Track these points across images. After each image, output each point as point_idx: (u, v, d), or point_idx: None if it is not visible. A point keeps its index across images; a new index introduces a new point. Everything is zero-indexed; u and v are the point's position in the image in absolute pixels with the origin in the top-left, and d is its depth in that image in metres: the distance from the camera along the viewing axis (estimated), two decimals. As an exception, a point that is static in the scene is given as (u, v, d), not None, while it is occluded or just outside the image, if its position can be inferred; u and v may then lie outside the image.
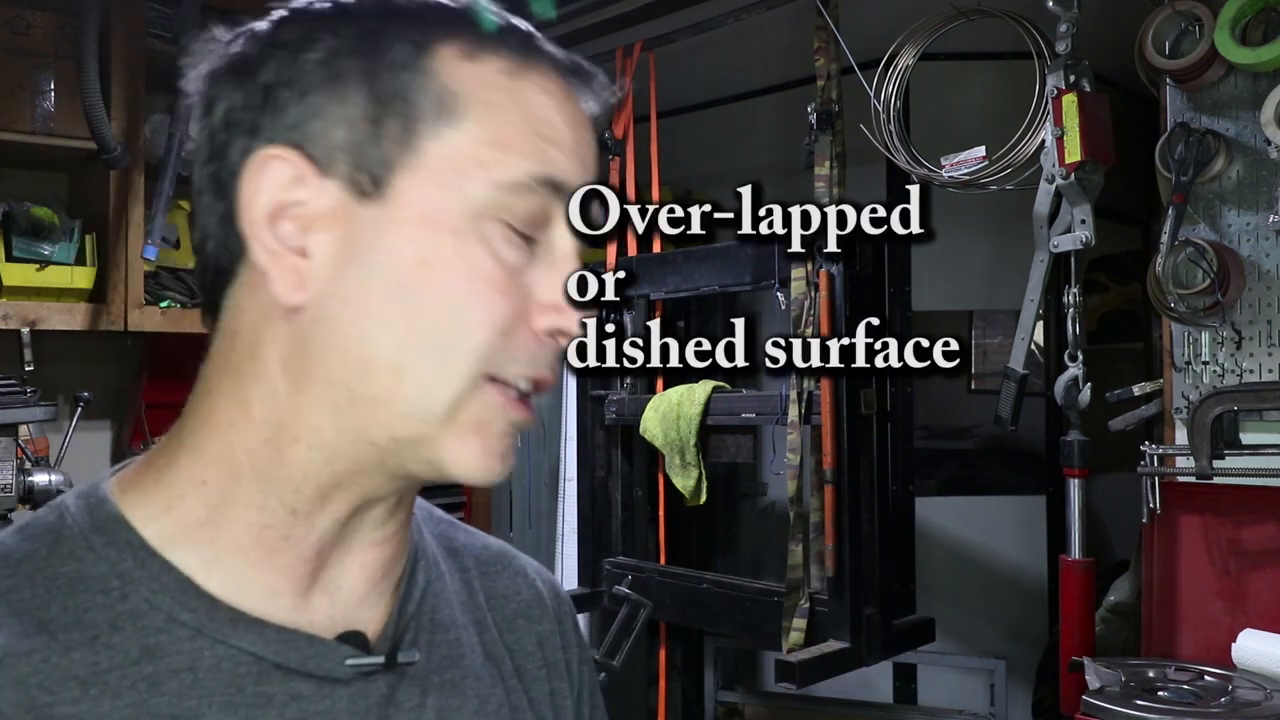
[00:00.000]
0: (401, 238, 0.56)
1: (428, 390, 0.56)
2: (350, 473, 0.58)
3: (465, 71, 0.57)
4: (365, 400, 0.56)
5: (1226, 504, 1.87)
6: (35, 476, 2.06)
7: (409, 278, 0.55)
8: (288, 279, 0.56)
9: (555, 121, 0.58)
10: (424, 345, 0.55)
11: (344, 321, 0.56)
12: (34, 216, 2.24)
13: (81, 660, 0.54)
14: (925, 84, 2.71)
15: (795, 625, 2.17)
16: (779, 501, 3.18)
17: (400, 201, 0.56)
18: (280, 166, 0.56)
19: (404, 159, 0.56)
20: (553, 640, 0.75)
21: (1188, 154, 1.84)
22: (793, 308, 2.23)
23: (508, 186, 0.56)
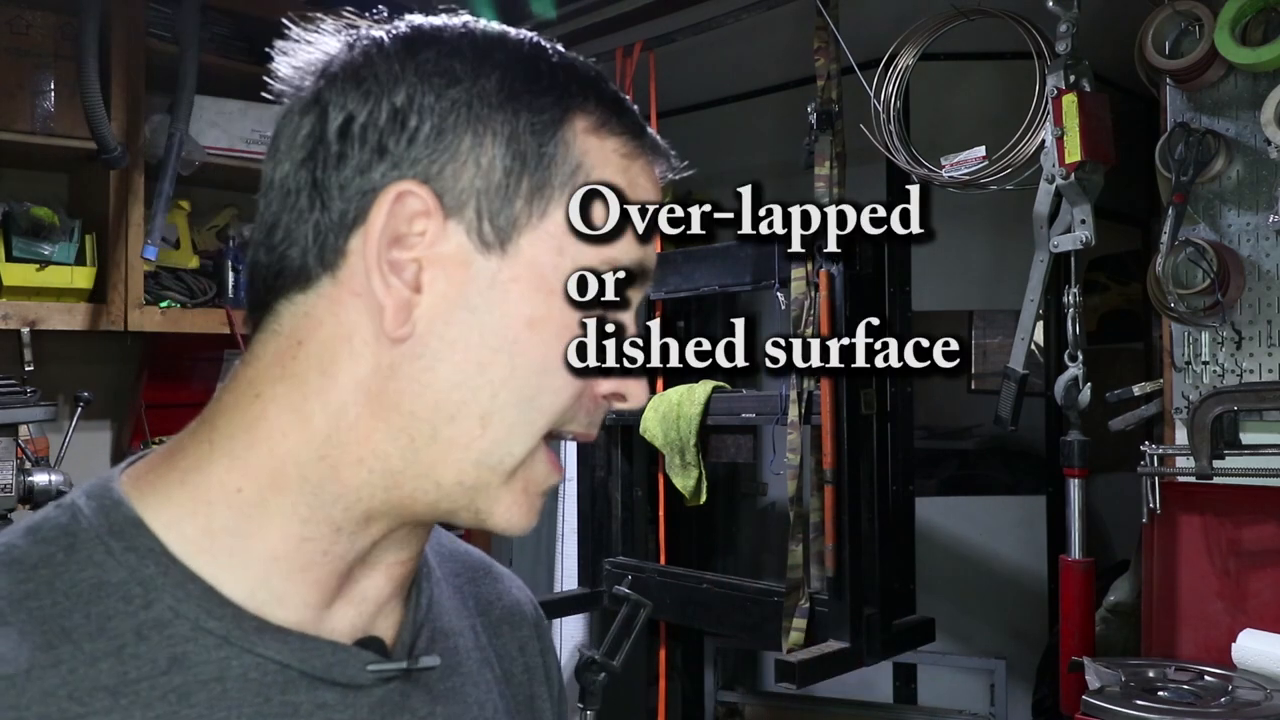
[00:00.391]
0: (518, 296, 0.57)
1: (504, 443, 0.58)
2: (402, 503, 0.59)
3: (592, 146, 0.59)
4: (446, 441, 0.57)
5: (1226, 504, 1.87)
6: (35, 476, 2.06)
7: (518, 334, 0.57)
8: (400, 313, 0.56)
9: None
10: (516, 400, 0.57)
11: (444, 364, 0.56)
12: (34, 216, 2.24)
13: (110, 670, 0.53)
14: (925, 84, 2.71)
15: (795, 625, 2.17)
16: (779, 501, 3.18)
17: (521, 260, 0.57)
18: (413, 202, 0.56)
19: (531, 220, 0.57)
20: (532, 646, 0.77)
21: (1188, 154, 1.84)
22: (793, 308, 2.23)
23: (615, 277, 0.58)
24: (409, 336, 0.56)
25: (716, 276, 2.45)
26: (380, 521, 0.59)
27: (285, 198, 0.58)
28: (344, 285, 0.57)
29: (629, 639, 2.00)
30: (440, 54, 0.57)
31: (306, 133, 0.57)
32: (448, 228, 0.56)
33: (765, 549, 3.39)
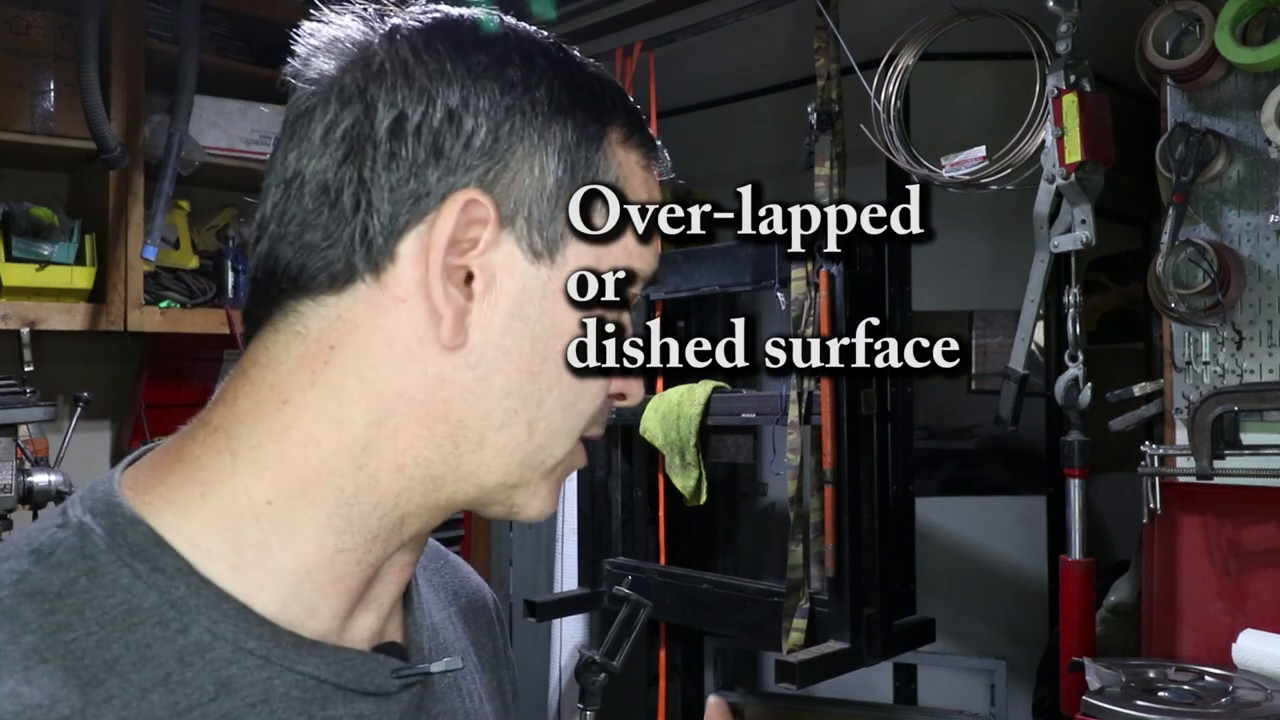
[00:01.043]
0: (567, 306, 0.58)
1: (548, 447, 0.60)
2: (438, 505, 0.59)
3: (623, 158, 0.61)
4: (492, 447, 0.58)
5: (1227, 504, 1.87)
6: (35, 477, 2.06)
7: (563, 344, 0.58)
8: (456, 323, 0.55)
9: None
10: (560, 407, 0.59)
11: (499, 375, 0.57)
12: (34, 216, 2.24)
13: (161, 701, 0.51)
14: (925, 84, 2.71)
15: (795, 625, 2.17)
16: (779, 501, 3.18)
17: (568, 270, 0.58)
18: (478, 211, 0.55)
19: (575, 235, 0.58)
20: (494, 629, 0.78)
21: (1188, 154, 1.84)
22: (793, 308, 2.23)
23: (634, 274, 0.61)
24: (463, 346, 0.56)
25: (716, 276, 2.45)
26: (413, 522, 0.60)
27: (322, 194, 0.55)
28: (388, 290, 0.55)
29: (629, 639, 2.00)
30: (492, 57, 0.56)
31: (348, 127, 0.55)
32: (501, 237, 0.56)
33: (765, 549, 3.38)
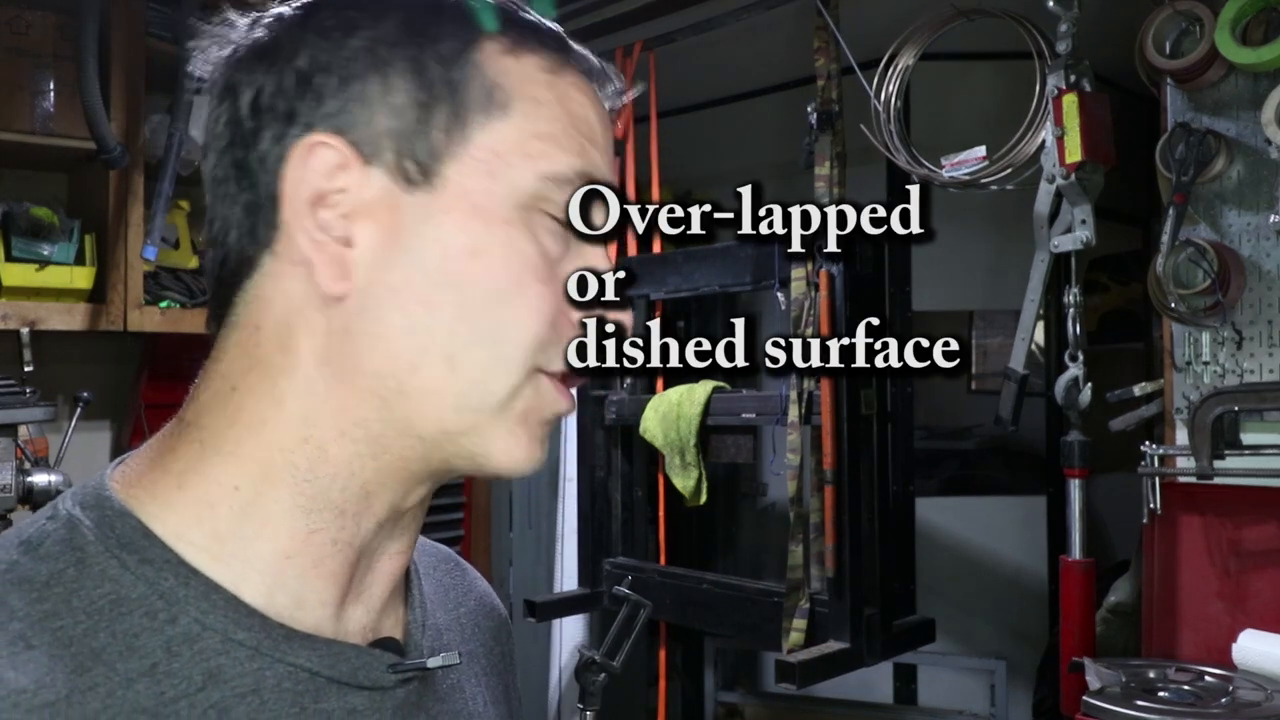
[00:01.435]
0: (453, 226, 0.55)
1: (482, 383, 0.56)
2: (394, 468, 0.57)
3: (509, 66, 0.57)
4: (415, 392, 0.55)
5: (1227, 504, 1.87)
6: (35, 477, 2.05)
7: (461, 267, 0.55)
8: (332, 268, 0.55)
9: (591, 120, 0.60)
10: (477, 337, 0.55)
11: (393, 311, 0.55)
12: (34, 216, 2.24)
13: (146, 691, 0.51)
14: (925, 84, 2.71)
15: (795, 625, 2.17)
16: (779, 501, 3.18)
17: (450, 191, 0.56)
18: (326, 153, 0.55)
19: (453, 149, 0.56)
20: (501, 635, 0.78)
21: (1188, 154, 1.84)
22: (793, 308, 2.23)
23: (553, 179, 0.57)
24: (349, 292, 0.55)
25: (716, 276, 2.45)
26: (382, 494, 0.58)
27: (216, 188, 0.57)
28: (283, 258, 0.56)
29: (629, 639, 2.00)
30: (340, 12, 0.57)
31: (224, 119, 0.57)
32: (370, 174, 0.55)
33: (765, 549, 3.39)
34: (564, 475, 3.02)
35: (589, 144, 0.58)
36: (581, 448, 2.77)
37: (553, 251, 0.58)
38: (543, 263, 0.57)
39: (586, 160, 0.58)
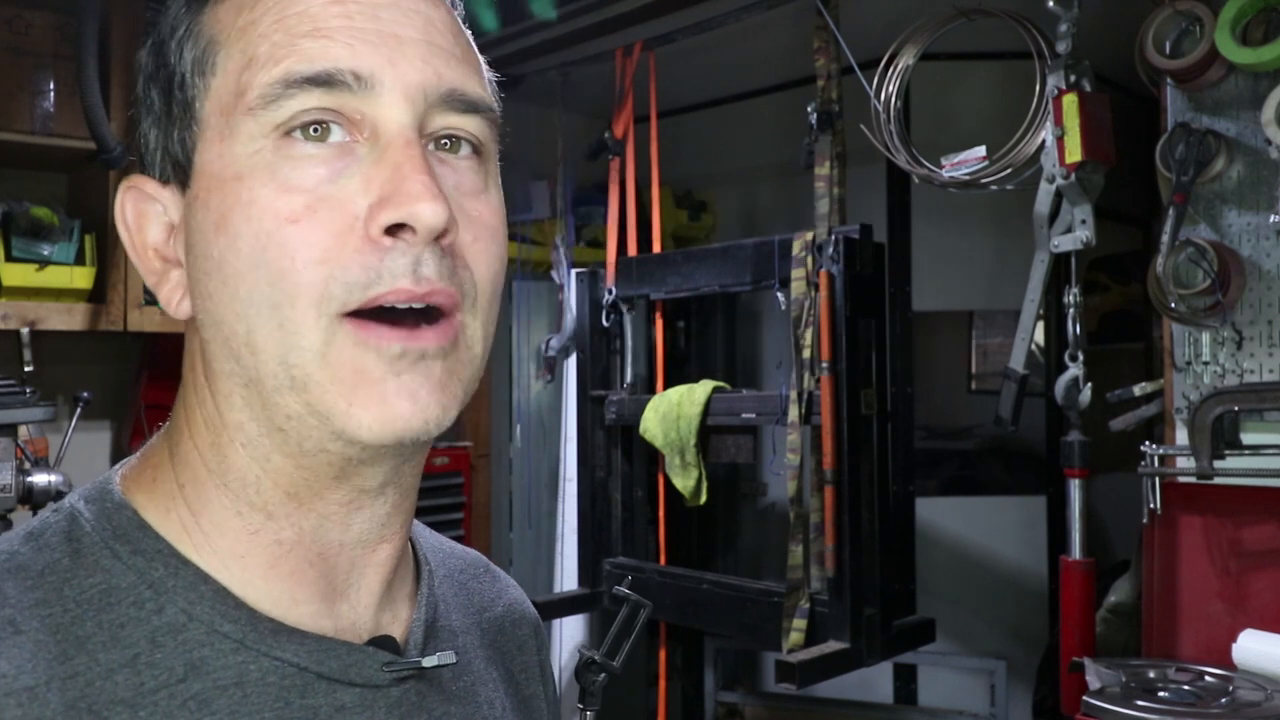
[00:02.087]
0: (202, 209, 0.54)
1: (281, 356, 0.52)
2: (289, 467, 0.55)
3: (220, 11, 0.55)
4: (252, 384, 0.53)
5: (1227, 504, 1.87)
6: (35, 477, 2.05)
7: (214, 245, 0.53)
8: (174, 292, 0.57)
9: (310, 8, 0.53)
10: (255, 311, 0.52)
11: (207, 315, 0.55)
12: (34, 216, 2.24)
13: (125, 683, 0.51)
14: (925, 84, 2.71)
15: (795, 625, 2.17)
16: (779, 501, 3.18)
17: (198, 172, 0.54)
18: (128, 194, 0.58)
19: (193, 132, 0.54)
20: (530, 645, 0.76)
21: (1188, 154, 1.84)
22: (793, 308, 2.23)
23: (262, 103, 0.51)
24: (190, 312, 0.56)
25: (716, 276, 2.45)
26: (303, 496, 0.56)
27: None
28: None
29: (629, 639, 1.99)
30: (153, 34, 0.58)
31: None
32: (168, 194, 0.57)
33: (765, 549, 3.39)
34: (564, 475, 3.02)
35: (309, 39, 0.52)
36: (581, 448, 2.77)
37: (311, 178, 0.51)
38: (294, 200, 0.51)
39: (301, 61, 0.51)
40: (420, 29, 0.54)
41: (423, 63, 0.53)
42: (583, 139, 3.06)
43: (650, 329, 2.76)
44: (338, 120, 0.52)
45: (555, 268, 3.00)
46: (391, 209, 0.51)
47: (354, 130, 0.52)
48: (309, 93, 0.51)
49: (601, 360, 2.74)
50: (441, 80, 0.54)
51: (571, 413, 2.91)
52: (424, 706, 0.60)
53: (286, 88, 0.51)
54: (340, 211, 0.51)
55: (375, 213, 0.51)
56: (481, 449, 3.15)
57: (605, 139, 2.78)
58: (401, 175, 0.51)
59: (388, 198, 0.51)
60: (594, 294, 2.73)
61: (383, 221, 0.51)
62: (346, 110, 0.52)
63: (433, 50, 0.54)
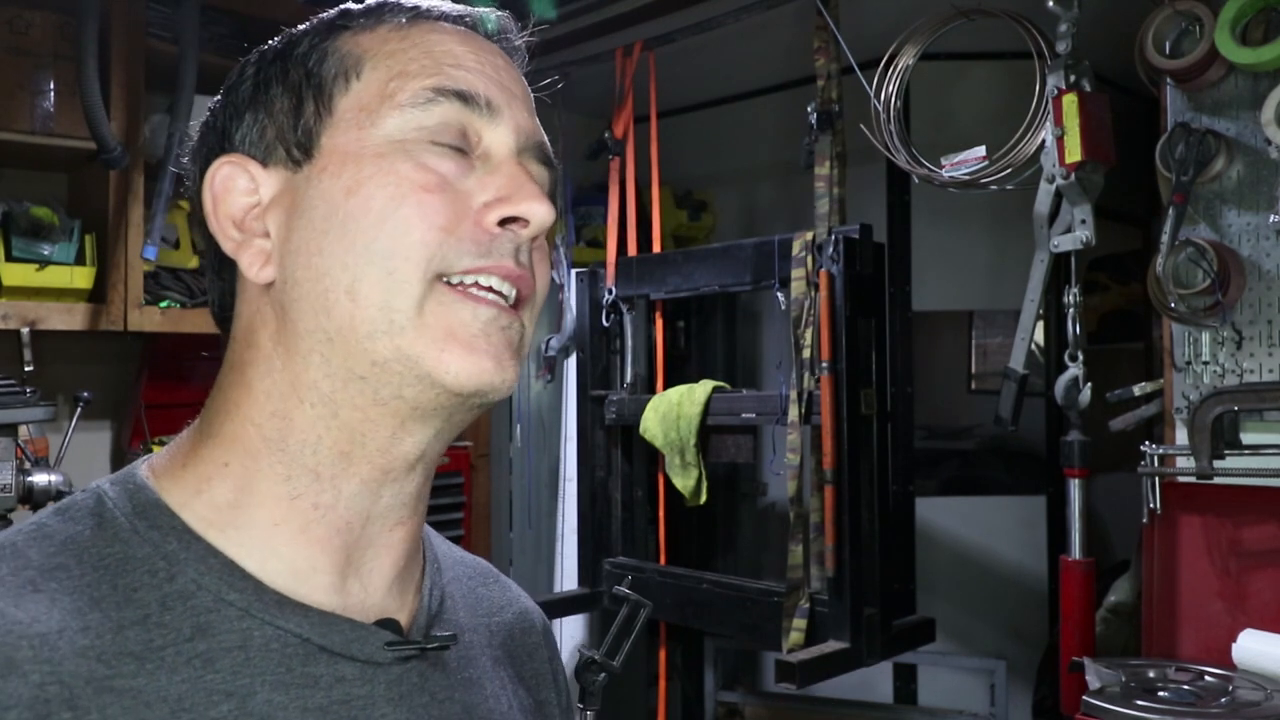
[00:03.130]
0: (330, 178, 0.61)
1: (383, 302, 0.58)
2: (356, 420, 0.60)
3: (362, 39, 0.64)
4: (338, 334, 0.59)
5: (1227, 504, 1.87)
6: (35, 476, 2.05)
7: (340, 206, 0.60)
8: (255, 260, 0.62)
9: (452, 48, 0.64)
10: (368, 261, 0.59)
11: (301, 270, 0.60)
12: (34, 216, 2.24)
13: (136, 637, 0.55)
14: (925, 84, 2.71)
15: (795, 625, 2.17)
16: (779, 501, 3.18)
17: (326, 153, 0.61)
18: (225, 169, 0.63)
19: (324, 122, 0.62)
20: (542, 653, 0.79)
21: (1188, 154, 1.84)
22: (793, 308, 2.23)
23: (413, 104, 0.61)
24: (274, 278, 0.62)
25: (716, 276, 2.45)
26: (357, 455, 0.61)
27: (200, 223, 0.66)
28: (241, 276, 0.64)
29: (629, 639, 2.00)
30: (239, 68, 0.67)
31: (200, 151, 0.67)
32: (270, 174, 0.63)
33: (765, 549, 3.39)
34: (564, 475, 3.02)
35: (449, 66, 0.62)
36: (581, 448, 2.77)
37: (442, 169, 0.61)
38: (426, 175, 0.60)
39: (444, 78, 0.62)
40: (522, 92, 0.67)
41: (526, 115, 0.66)
42: (583, 139, 3.06)
43: (650, 329, 2.76)
44: (464, 145, 0.62)
45: (555, 268, 3.00)
46: (511, 205, 0.61)
47: (470, 149, 0.62)
48: (451, 104, 0.61)
49: (601, 360, 2.74)
50: (536, 133, 0.66)
51: (571, 413, 2.91)
52: (425, 687, 0.63)
53: (437, 94, 0.61)
54: (463, 198, 0.61)
55: (493, 206, 0.61)
56: (481, 449, 3.15)
57: (605, 139, 2.78)
58: (518, 183, 0.62)
59: (505, 197, 0.61)
60: (594, 294, 2.73)
61: (501, 213, 0.61)
62: (471, 129, 0.62)
63: (529, 109, 0.67)
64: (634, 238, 2.75)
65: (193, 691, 0.55)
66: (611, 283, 2.71)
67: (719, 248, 2.50)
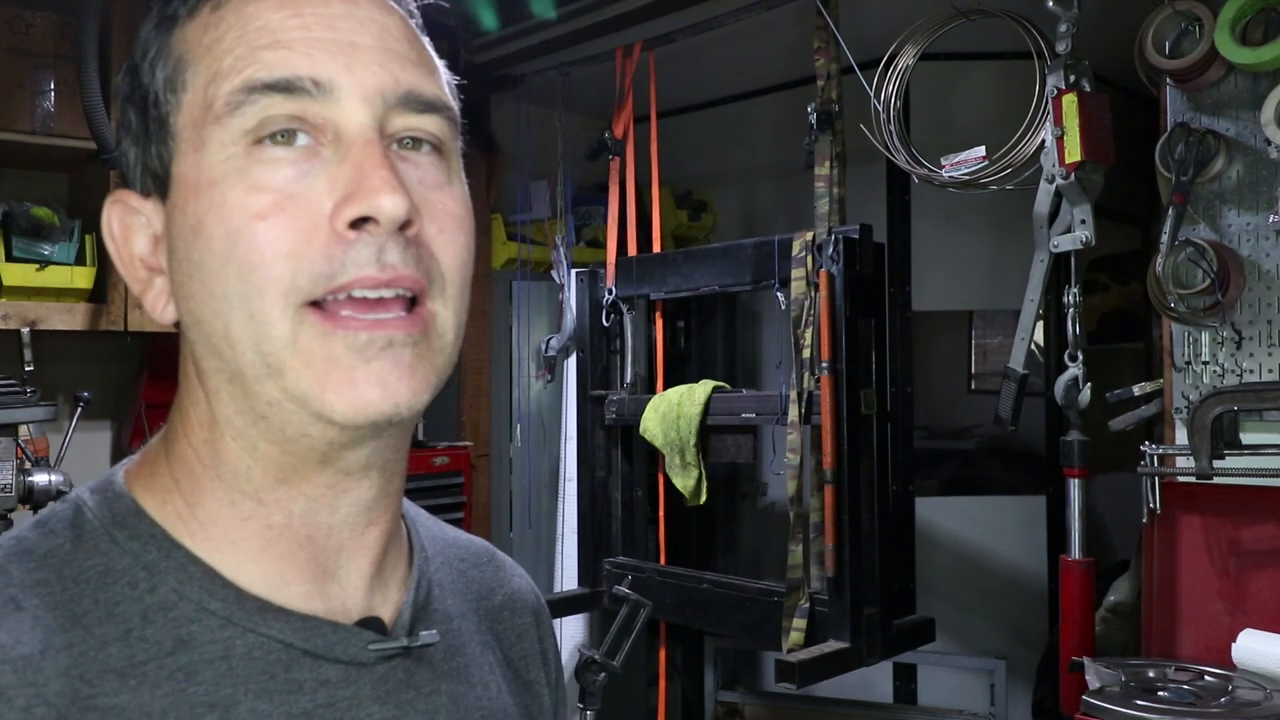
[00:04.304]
0: (180, 215, 0.57)
1: (255, 346, 0.55)
2: (276, 453, 0.58)
3: (188, 31, 0.58)
4: (233, 377, 0.57)
5: (1226, 504, 1.87)
6: (35, 476, 2.05)
7: (193, 248, 0.56)
8: (158, 299, 0.60)
9: (269, 22, 0.56)
10: (229, 306, 0.55)
11: (186, 315, 0.59)
12: (34, 216, 2.24)
13: (118, 654, 0.55)
14: (925, 84, 2.71)
15: (795, 625, 2.17)
16: (779, 501, 3.18)
17: (176, 183, 0.58)
18: (113, 208, 0.61)
19: (169, 146, 0.58)
20: (532, 633, 0.79)
21: (1188, 154, 1.84)
22: (793, 308, 2.23)
23: (228, 111, 0.55)
24: (175, 317, 0.60)
25: (716, 276, 2.45)
26: (293, 481, 0.59)
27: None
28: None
29: (629, 639, 2.00)
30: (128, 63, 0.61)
31: None
32: (150, 206, 0.60)
33: (765, 549, 3.39)
34: (564, 475, 3.02)
35: (268, 50, 0.55)
36: (581, 448, 2.77)
37: (279, 179, 0.54)
38: (262, 199, 0.54)
39: (259, 69, 0.55)
40: (375, 36, 0.57)
41: (379, 67, 0.57)
42: (583, 139, 3.06)
43: (650, 329, 2.76)
44: (302, 127, 0.55)
45: (555, 268, 3.00)
46: (355, 204, 0.54)
47: (318, 135, 0.55)
48: (271, 98, 0.54)
49: (601, 360, 2.74)
50: (398, 83, 0.57)
51: (571, 413, 2.91)
52: (412, 684, 0.63)
53: (249, 94, 0.54)
54: (307, 209, 0.54)
55: (340, 209, 0.54)
56: (481, 449, 3.15)
57: (605, 139, 2.78)
58: (363, 173, 0.54)
59: (351, 194, 0.54)
60: (594, 294, 2.74)
61: (347, 216, 0.54)
62: (309, 116, 0.55)
63: (389, 55, 0.57)
64: (634, 238, 2.75)
65: (176, 705, 0.55)
66: (611, 283, 2.71)
67: (719, 248, 2.50)
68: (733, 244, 2.45)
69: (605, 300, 2.71)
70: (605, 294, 2.71)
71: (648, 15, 2.70)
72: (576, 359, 2.81)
